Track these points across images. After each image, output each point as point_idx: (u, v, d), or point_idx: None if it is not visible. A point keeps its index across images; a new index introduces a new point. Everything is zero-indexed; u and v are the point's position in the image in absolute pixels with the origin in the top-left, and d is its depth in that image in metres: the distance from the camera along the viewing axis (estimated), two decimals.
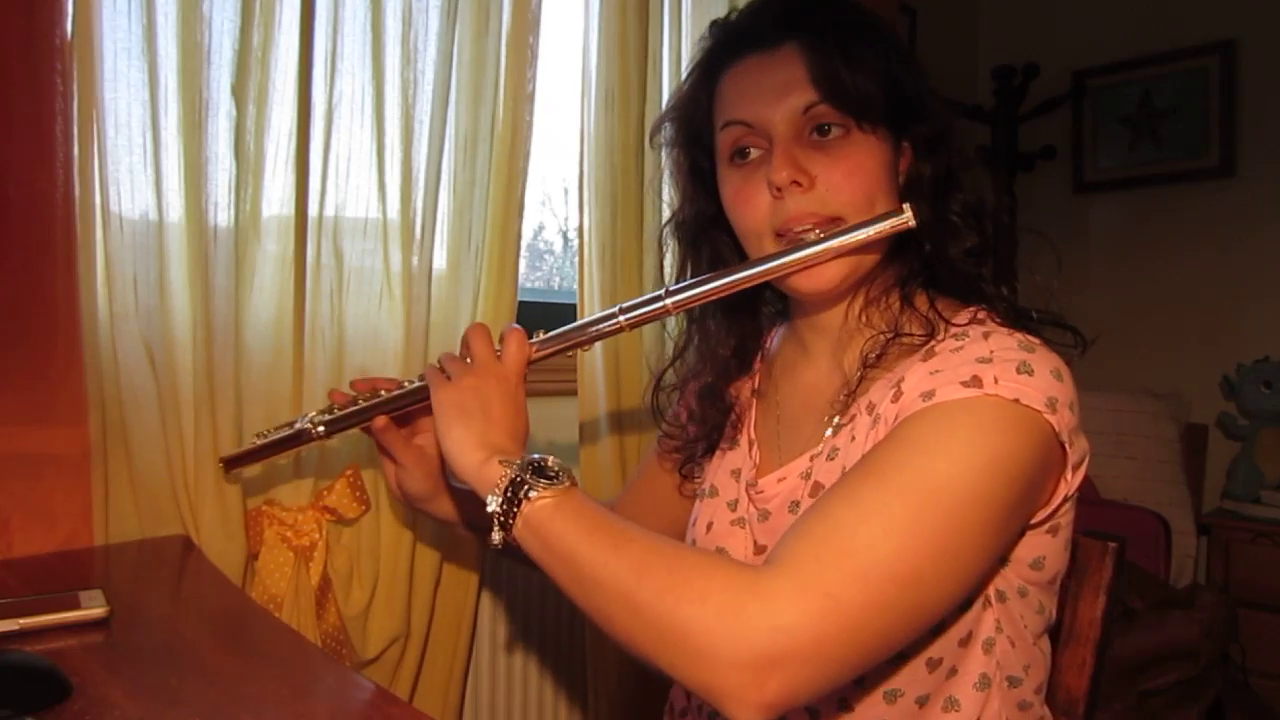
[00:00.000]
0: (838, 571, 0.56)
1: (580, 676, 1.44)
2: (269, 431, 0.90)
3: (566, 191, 1.75)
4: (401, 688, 1.14)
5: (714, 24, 0.83)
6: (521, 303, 1.23)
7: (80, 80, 0.85)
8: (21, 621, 0.65)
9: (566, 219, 1.78)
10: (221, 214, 0.95)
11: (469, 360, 0.78)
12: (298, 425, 0.87)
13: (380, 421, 0.85)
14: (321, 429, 0.86)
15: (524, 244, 1.24)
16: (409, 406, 0.85)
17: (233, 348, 0.97)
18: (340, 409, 0.87)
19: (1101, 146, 2.76)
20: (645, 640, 0.58)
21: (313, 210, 1.03)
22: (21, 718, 0.52)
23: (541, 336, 0.82)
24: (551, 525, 0.63)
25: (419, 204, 1.10)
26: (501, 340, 0.79)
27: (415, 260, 1.10)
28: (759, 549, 0.80)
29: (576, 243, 1.37)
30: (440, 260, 1.16)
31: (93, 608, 0.69)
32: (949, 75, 2.81)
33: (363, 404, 0.86)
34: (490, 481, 0.66)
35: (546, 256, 1.81)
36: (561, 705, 1.45)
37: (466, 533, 0.97)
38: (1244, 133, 2.52)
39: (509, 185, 1.19)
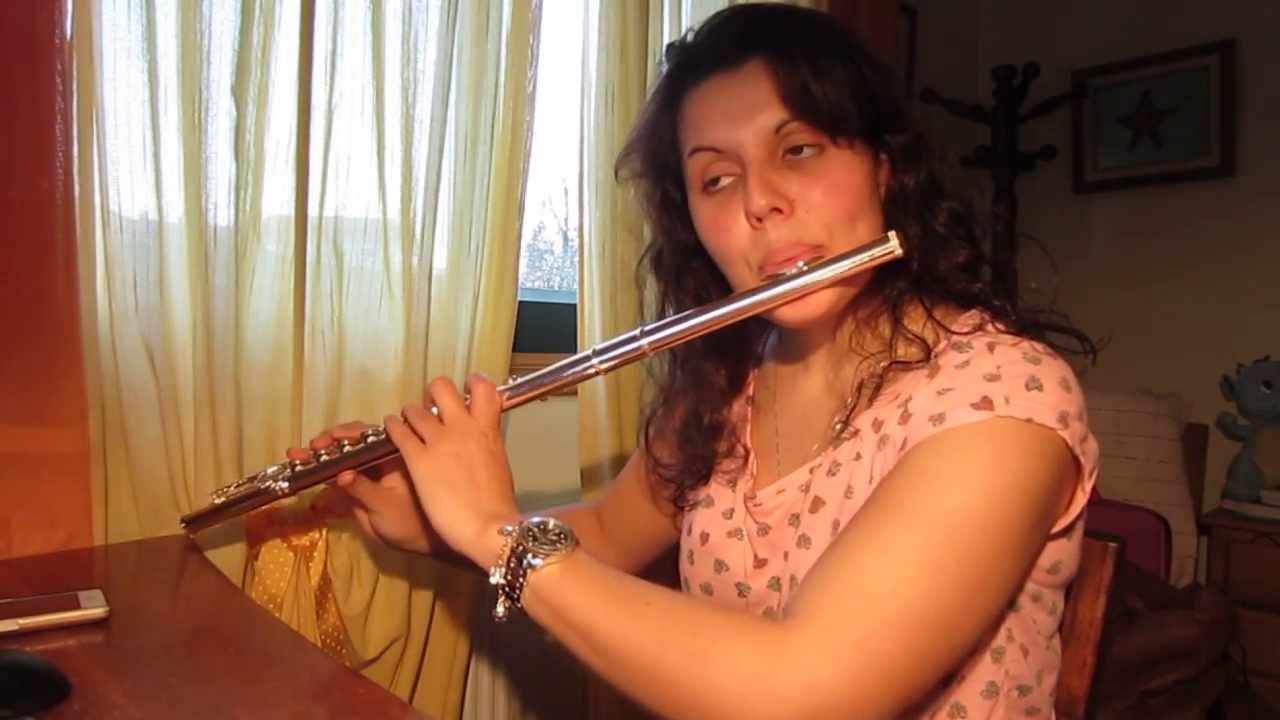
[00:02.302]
0: (867, 621, 0.55)
1: (581, 676, 1.44)
2: (227, 489, 0.86)
3: (566, 191, 1.75)
4: (401, 688, 1.14)
5: (671, 46, 0.79)
6: (521, 303, 1.23)
7: (80, 80, 0.85)
8: (21, 621, 0.65)
9: (566, 219, 1.78)
10: (221, 214, 0.95)
11: (435, 412, 0.74)
12: (259, 484, 0.83)
13: (347, 477, 0.81)
14: (285, 485, 0.82)
15: (524, 244, 1.24)
16: (375, 460, 0.81)
17: (233, 348, 0.97)
18: (302, 464, 0.82)
19: (1101, 146, 2.76)
20: (675, 708, 0.57)
21: (313, 210, 1.03)
22: (21, 718, 0.52)
23: (511, 384, 0.78)
24: (562, 595, 0.61)
25: (419, 204, 1.10)
26: (468, 391, 0.75)
27: (415, 260, 1.10)
28: (759, 562, 0.79)
29: (576, 243, 1.37)
30: (440, 260, 1.16)
31: (92, 608, 0.69)
32: (949, 75, 2.81)
33: (326, 458, 0.81)
34: (491, 553, 0.64)
35: (546, 256, 1.81)
36: (562, 705, 1.45)
37: (457, 568, 0.93)
38: (1244, 133, 2.51)
39: (509, 185, 1.19)
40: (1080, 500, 0.67)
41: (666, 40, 1.41)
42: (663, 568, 0.99)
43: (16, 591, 0.74)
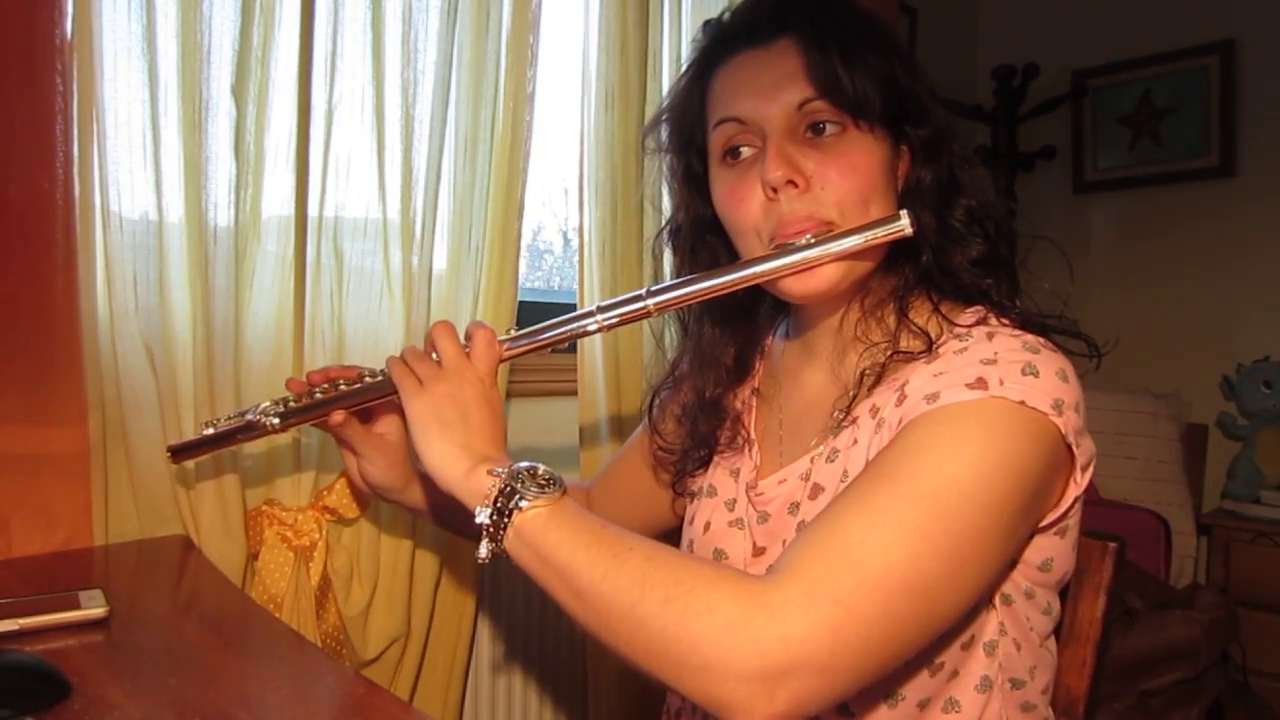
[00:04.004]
0: (848, 579, 0.55)
1: (580, 676, 1.44)
2: (218, 421, 0.85)
3: (566, 191, 1.75)
4: (401, 688, 1.14)
5: (707, 23, 0.81)
6: (521, 303, 1.23)
7: (80, 80, 0.85)
8: (21, 621, 0.65)
9: (566, 219, 1.77)
10: (221, 214, 0.95)
11: (435, 357, 0.75)
12: (249, 416, 0.82)
13: (338, 417, 0.81)
14: (275, 421, 0.81)
15: (524, 244, 1.24)
16: (369, 401, 0.81)
17: (233, 348, 0.97)
18: (296, 400, 0.82)
19: (1101, 146, 2.76)
20: (648, 653, 0.57)
21: (313, 210, 1.03)
22: (21, 718, 0.52)
23: (511, 334, 0.78)
24: (545, 536, 0.61)
25: (419, 204, 1.10)
26: (468, 339, 0.76)
27: (415, 260, 1.10)
28: (758, 550, 0.80)
29: (576, 243, 1.37)
30: (440, 260, 1.16)
31: (93, 608, 0.69)
32: (949, 75, 2.81)
33: (320, 396, 0.81)
34: (479, 492, 0.64)
35: (546, 256, 1.81)
36: (562, 705, 1.45)
37: (437, 526, 0.95)
38: (1244, 133, 2.52)
39: (509, 185, 1.19)
40: (1072, 493, 0.67)
41: (667, 41, 1.41)
42: None
43: (16, 591, 0.74)
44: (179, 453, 0.86)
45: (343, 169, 1.05)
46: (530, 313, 1.35)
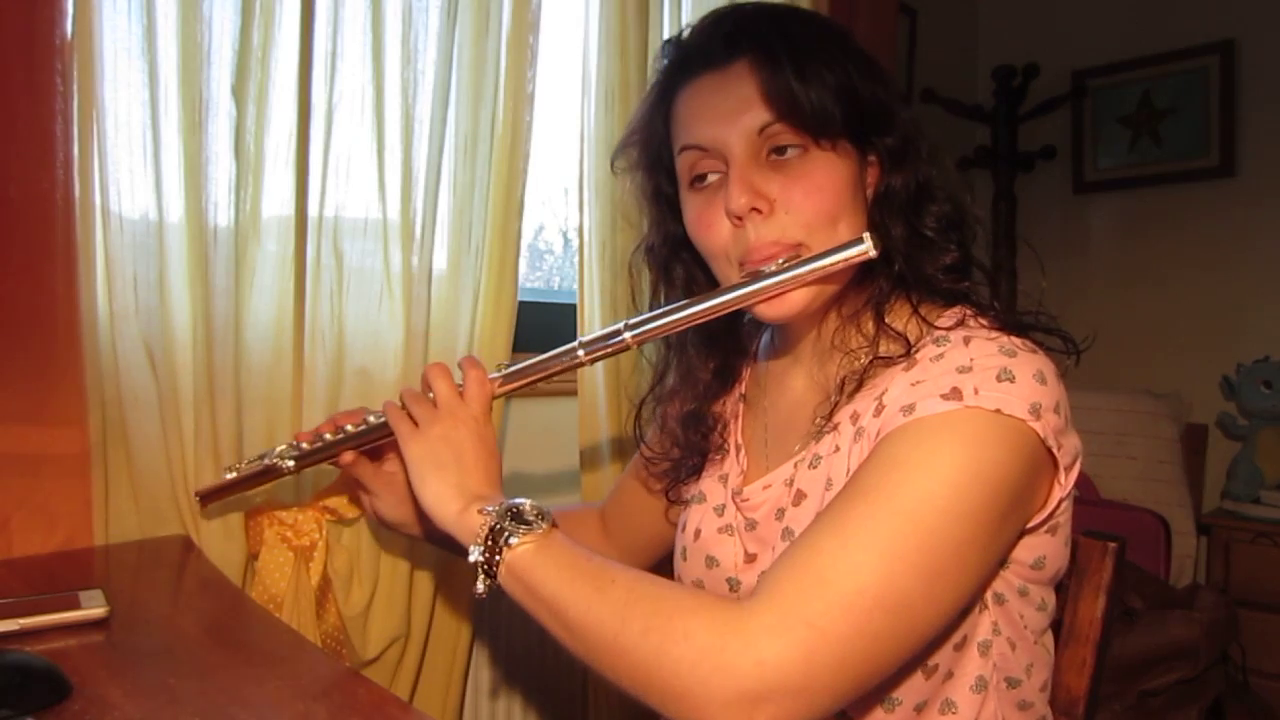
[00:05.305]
0: (820, 601, 0.56)
1: (580, 675, 1.44)
2: (239, 465, 0.90)
3: (566, 191, 1.75)
4: (401, 688, 1.14)
5: (667, 42, 0.81)
6: (521, 303, 1.23)
7: (80, 80, 0.85)
8: (21, 621, 0.65)
9: (566, 219, 1.77)
10: (221, 214, 0.95)
11: (431, 396, 0.77)
12: (267, 460, 0.87)
13: (348, 457, 0.86)
14: (291, 464, 0.86)
15: (524, 244, 1.24)
16: (373, 442, 0.85)
17: (233, 348, 0.97)
18: (309, 445, 0.86)
19: (1101, 146, 2.76)
20: (633, 681, 0.58)
21: (313, 210, 1.03)
22: (21, 718, 0.52)
23: (502, 371, 0.81)
24: (534, 571, 0.63)
25: (419, 204, 1.10)
26: (462, 376, 0.79)
27: (415, 260, 1.10)
28: (749, 557, 0.80)
29: (576, 243, 1.37)
30: (440, 260, 1.16)
31: (93, 608, 0.69)
32: (949, 75, 2.81)
33: (330, 439, 0.86)
34: (471, 531, 0.67)
35: (546, 256, 1.81)
36: (562, 705, 1.45)
37: (455, 555, 0.95)
38: (1244, 133, 2.51)
39: (509, 185, 1.19)
40: (1056, 494, 0.67)
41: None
42: (668, 570, 0.99)
43: (16, 591, 0.74)
44: (206, 497, 0.92)
45: (343, 169, 1.05)
46: (530, 313, 1.35)
